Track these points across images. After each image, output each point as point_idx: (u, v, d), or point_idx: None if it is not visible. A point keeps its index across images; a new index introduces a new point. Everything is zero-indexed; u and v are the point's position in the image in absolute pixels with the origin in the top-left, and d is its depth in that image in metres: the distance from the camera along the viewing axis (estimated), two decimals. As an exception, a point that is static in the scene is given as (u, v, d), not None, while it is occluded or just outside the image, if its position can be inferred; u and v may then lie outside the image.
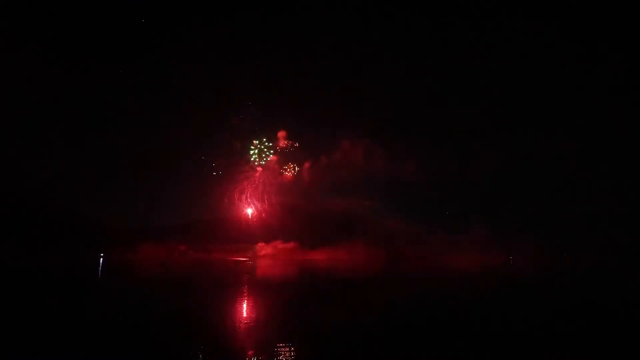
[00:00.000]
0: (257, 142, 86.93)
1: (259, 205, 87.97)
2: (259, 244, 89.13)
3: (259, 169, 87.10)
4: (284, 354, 10.89)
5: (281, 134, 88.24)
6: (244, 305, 19.73)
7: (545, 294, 25.94)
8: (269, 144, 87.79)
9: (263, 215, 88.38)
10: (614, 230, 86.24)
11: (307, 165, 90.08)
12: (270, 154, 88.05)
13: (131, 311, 17.56)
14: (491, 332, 13.68)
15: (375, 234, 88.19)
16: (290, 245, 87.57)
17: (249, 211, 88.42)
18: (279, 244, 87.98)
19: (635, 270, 51.99)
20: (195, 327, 14.11)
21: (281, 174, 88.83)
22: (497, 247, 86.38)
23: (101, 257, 78.69)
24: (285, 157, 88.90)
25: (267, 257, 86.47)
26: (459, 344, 11.94)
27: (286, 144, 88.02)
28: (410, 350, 11.32)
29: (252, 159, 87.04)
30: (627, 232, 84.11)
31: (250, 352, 11.11)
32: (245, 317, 16.46)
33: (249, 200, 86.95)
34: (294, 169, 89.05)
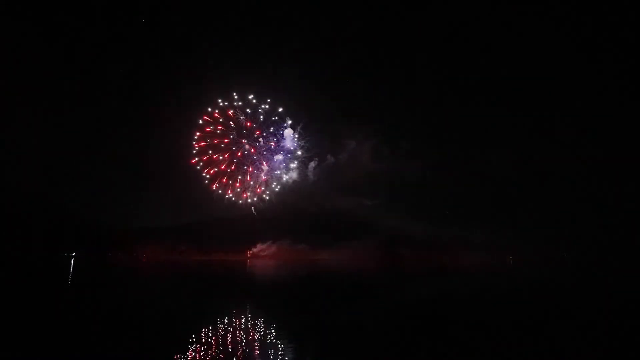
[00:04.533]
0: (263, 140, 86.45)
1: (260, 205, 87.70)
2: (259, 245, 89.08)
3: (264, 167, 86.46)
4: (289, 353, 10.93)
5: (288, 132, 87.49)
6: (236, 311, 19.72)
7: (545, 294, 25.93)
8: (274, 141, 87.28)
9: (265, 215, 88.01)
10: (613, 231, 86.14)
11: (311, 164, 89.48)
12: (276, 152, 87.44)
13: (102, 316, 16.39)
14: (490, 333, 13.72)
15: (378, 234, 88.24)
16: (292, 245, 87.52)
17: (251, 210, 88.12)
18: (281, 244, 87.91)
19: (634, 269, 51.91)
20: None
21: (285, 173, 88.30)
22: (498, 247, 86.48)
23: (72, 257, 74.32)
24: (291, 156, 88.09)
25: (267, 257, 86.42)
26: (459, 344, 12.00)
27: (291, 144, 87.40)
28: (411, 351, 11.39)
29: (255, 158, 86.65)
30: (627, 232, 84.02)
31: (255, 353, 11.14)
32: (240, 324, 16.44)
33: (250, 199, 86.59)
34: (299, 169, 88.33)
